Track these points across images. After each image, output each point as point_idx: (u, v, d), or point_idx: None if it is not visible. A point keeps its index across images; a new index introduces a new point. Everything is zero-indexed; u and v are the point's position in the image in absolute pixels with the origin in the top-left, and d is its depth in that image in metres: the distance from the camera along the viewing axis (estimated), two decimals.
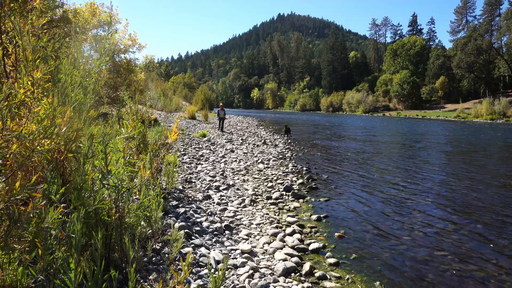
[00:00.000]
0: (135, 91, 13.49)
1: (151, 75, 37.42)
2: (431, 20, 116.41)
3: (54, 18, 8.30)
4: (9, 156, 1.88)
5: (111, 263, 2.63)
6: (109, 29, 2.91)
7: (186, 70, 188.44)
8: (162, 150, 5.33)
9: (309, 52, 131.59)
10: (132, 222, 2.90)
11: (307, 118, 49.78)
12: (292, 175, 8.55)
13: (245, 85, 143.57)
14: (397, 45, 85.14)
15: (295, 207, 6.04)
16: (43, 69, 2.04)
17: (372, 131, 26.68)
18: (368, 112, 75.20)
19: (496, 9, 67.97)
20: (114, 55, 12.98)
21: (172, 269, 2.19)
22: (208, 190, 6.33)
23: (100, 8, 10.83)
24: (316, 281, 3.51)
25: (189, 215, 4.67)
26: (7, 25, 2.83)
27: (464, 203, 6.59)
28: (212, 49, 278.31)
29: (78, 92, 2.29)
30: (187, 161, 8.88)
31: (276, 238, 4.50)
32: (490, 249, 4.49)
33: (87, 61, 2.65)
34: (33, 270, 1.82)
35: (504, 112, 44.05)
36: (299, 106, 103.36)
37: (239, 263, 3.53)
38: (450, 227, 5.28)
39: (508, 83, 63.73)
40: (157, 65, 64.21)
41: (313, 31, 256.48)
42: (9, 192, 1.77)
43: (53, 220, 1.87)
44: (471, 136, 22.30)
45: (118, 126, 2.90)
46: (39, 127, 2.00)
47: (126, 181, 2.80)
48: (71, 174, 2.44)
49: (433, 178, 8.85)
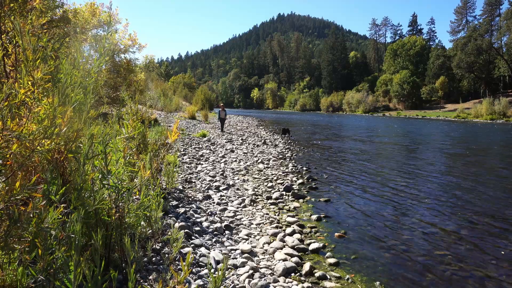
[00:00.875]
0: (135, 91, 13.49)
1: (151, 75, 37.42)
2: (431, 20, 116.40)
3: (54, 18, 8.30)
4: (9, 156, 1.88)
5: (111, 263, 2.63)
6: (109, 29, 2.91)
7: (186, 70, 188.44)
8: (162, 150, 5.34)
9: (309, 52, 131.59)
10: (132, 222, 2.90)
11: (307, 118, 49.77)
12: (292, 175, 8.55)
13: (245, 85, 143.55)
14: (397, 45, 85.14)
15: (295, 207, 6.04)
16: (43, 69, 2.04)
17: (372, 131, 26.68)
18: (368, 112, 75.19)
19: (496, 9, 67.97)
20: (114, 55, 12.98)
21: (172, 269, 2.19)
22: (208, 190, 6.33)
23: (100, 8, 10.83)
24: (316, 281, 3.51)
25: (189, 215, 4.67)
26: (7, 25, 2.83)
27: (464, 203, 6.59)
28: (212, 49, 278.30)
29: (78, 92, 2.29)
30: (187, 161, 8.88)
31: (276, 238, 4.49)
32: (490, 250, 4.49)
33: (87, 61, 2.65)
34: (33, 270, 1.82)
35: (504, 112, 44.06)
36: (299, 106, 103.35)
37: (239, 263, 3.53)
38: (450, 227, 5.28)
39: (508, 83, 63.73)
40: (157, 65, 64.20)
41: (313, 31, 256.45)
42: (9, 192, 1.77)
43: (53, 220, 1.87)
44: (471, 136, 22.30)
45: (118, 126, 2.90)
46: (39, 127, 2.00)
47: (126, 181, 2.80)
48: (71, 174, 2.44)
49: (433, 178, 8.85)
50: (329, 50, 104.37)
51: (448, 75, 67.83)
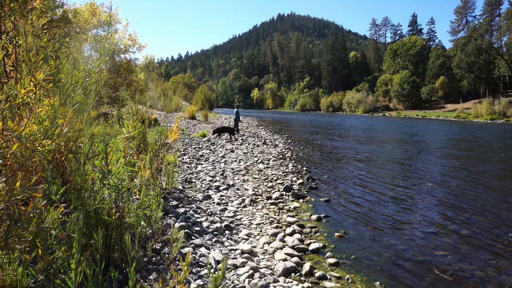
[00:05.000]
0: (135, 91, 13.49)
1: (151, 75, 37.43)
2: (431, 20, 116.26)
3: (54, 18, 8.31)
4: (9, 156, 1.88)
5: (111, 263, 2.63)
6: (109, 29, 2.91)
7: (186, 70, 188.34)
8: (162, 150, 5.34)
9: (309, 52, 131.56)
10: (132, 222, 2.90)
11: (307, 118, 49.77)
12: (292, 175, 8.55)
13: (245, 85, 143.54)
14: (397, 45, 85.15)
15: (295, 207, 6.04)
16: (46, 70, 2.04)
17: (372, 131, 26.68)
18: (368, 112, 75.18)
19: (496, 9, 67.99)
20: (114, 55, 12.98)
21: (172, 268, 2.20)
22: (208, 190, 6.33)
23: (100, 8, 10.84)
24: (316, 281, 3.51)
25: (189, 215, 4.67)
26: (7, 25, 2.83)
27: (465, 203, 6.59)
28: (212, 49, 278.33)
29: (79, 92, 2.29)
30: (187, 161, 8.88)
31: (276, 238, 4.50)
32: (490, 250, 4.50)
33: (87, 61, 2.65)
34: (33, 270, 1.82)
35: (504, 112, 44.06)
36: (299, 106, 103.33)
37: (239, 263, 3.53)
38: (450, 227, 5.29)
39: (508, 83, 63.74)
40: (157, 65, 64.21)
41: (313, 31, 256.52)
42: (10, 192, 1.77)
43: (53, 220, 1.88)
44: (471, 136, 22.30)
45: (118, 126, 2.90)
46: (40, 127, 2.00)
47: (126, 181, 2.80)
48: (72, 174, 2.45)
49: (433, 178, 8.85)
50: (329, 50, 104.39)
51: (448, 75, 67.82)
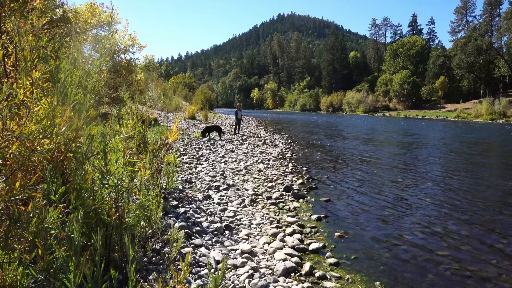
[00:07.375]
0: (135, 91, 13.49)
1: (151, 75, 37.42)
2: (431, 20, 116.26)
3: (54, 18, 8.30)
4: (9, 156, 1.88)
5: (111, 263, 2.63)
6: (109, 29, 2.91)
7: (186, 70, 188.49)
8: (162, 150, 5.34)
9: (309, 52, 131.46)
10: (132, 222, 2.90)
11: (307, 118, 49.77)
12: (292, 175, 8.55)
13: (245, 85, 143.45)
14: (397, 45, 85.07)
15: (295, 207, 6.04)
16: (41, 69, 2.04)
17: (372, 131, 26.68)
18: (368, 112, 75.14)
19: (496, 9, 67.89)
20: (114, 55, 12.98)
21: (172, 268, 2.19)
22: (208, 190, 6.33)
23: (100, 8, 10.84)
24: (316, 281, 3.51)
25: (189, 215, 4.67)
26: (7, 25, 2.83)
27: (465, 203, 6.59)
28: (212, 49, 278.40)
29: (78, 92, 2.29)
30: (187, 161, 8.88)
31: (276, 238, 4.49)
32: (490, 250, 4.49)
33: (87, 61, 2.65)
34: (33, 270, 1.82)
35: (504, 112, 44.01)
36: (299, 106, 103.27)
37: (239, 263, 3.53)
38: (450, 227, 5.28)
39: (508, 83, 63.70)
40: (157, 65, 64.15)
41: (313, 31, 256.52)
42: (9, 192, 1.77)
43: (53, 220, 1.87)
44: (471, 136, 22.29)
45: (118, 126, 2.90)
46: (38, 126, 2.00)
47: (126, 181, 2.80)
48: (71, 174, 2.44)
49: (433, 178, 8.85)
50: (329, 50, 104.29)
51: (448, 75, 67.76)
